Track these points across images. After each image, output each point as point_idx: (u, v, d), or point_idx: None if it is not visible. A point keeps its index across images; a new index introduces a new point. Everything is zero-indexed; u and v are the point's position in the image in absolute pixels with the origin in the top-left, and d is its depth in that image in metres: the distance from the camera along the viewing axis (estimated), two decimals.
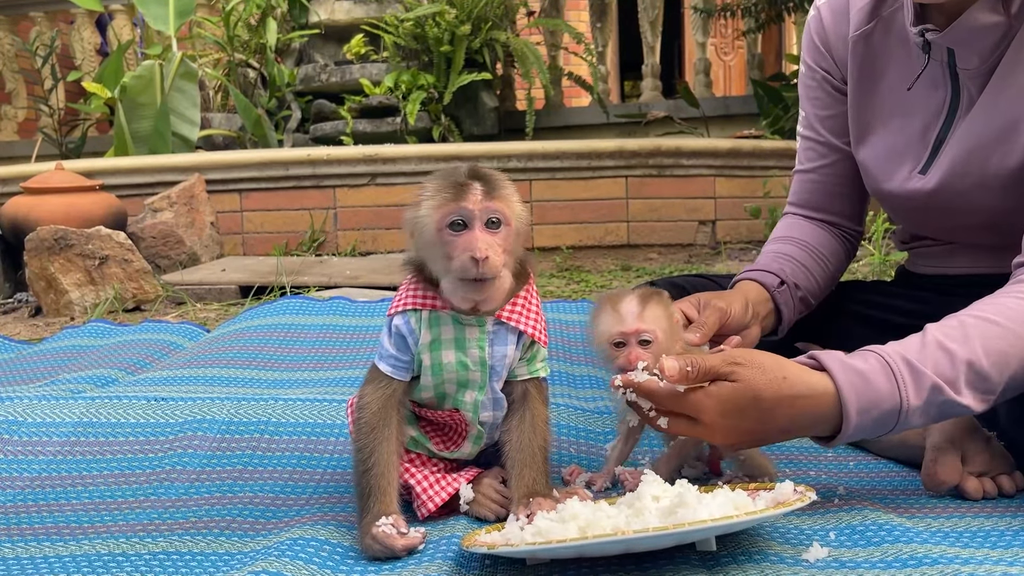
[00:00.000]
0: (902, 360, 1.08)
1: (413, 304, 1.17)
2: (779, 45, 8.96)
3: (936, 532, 1.10)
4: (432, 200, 1.11)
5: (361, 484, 1.13)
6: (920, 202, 1.43)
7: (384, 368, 1.17)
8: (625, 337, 1.21)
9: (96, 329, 2.56)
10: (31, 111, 6.59)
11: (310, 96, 5.45)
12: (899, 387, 1.07)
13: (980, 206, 1.37)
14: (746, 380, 1.07)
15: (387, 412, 1.15)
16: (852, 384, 1.07)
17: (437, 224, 1.10)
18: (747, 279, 1.51)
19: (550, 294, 3.22)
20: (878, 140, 1.48)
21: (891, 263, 3.19)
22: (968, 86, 1.36)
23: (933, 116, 1.40)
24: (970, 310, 1.14)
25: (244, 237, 4.35)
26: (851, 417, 1.07)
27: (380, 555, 1.09)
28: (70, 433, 1.61)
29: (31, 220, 3.50)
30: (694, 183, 4.41)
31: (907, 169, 1.44)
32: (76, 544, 1.17)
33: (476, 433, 1.23)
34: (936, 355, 1.09)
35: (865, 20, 1.46)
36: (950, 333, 1.11)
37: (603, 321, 1.24)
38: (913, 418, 1.08)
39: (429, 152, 4.44)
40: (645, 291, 1.26)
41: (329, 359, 2.18)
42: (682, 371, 1.08)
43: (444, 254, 1.11)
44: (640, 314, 1.21)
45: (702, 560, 1.03)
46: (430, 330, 1.17)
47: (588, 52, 5.57)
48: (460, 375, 1.18)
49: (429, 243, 1.12)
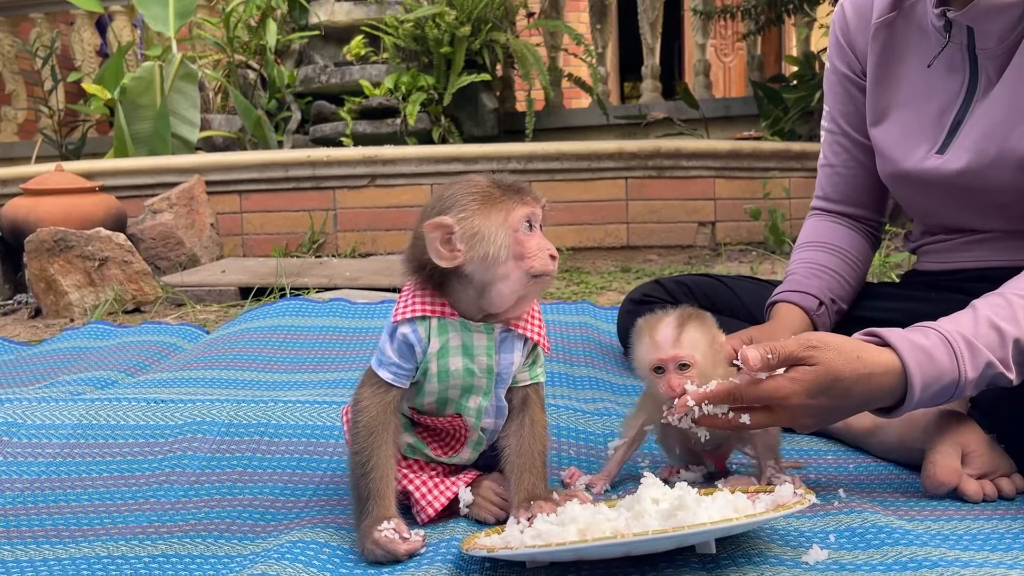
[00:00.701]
0: (960, 337, 1.15)
1: (423, 311, 1.15)
2: (779, 47, 8.97)
3: (936, 535, 1.09)
4: (504, 205, 1.11)
5: (359, 488, 1.13)
6: (936, 182, 1.47)
7: (385, 375, 1.16)
8: (663, 363, 1.22)
9: (96, 331, 2.56)
10: (31, 112, 6.59)
11: (310, 97, 5.45)
12: (959, 363, 1.14)
13: (997, 186, 1.41)
14: (826, 363, 1.12)
15: (385, 416, 1.14)
16: (917, 361, 1.14)
17: (513, 226, 1.11)
18: (787, 301, 1.57)
19: (550, 295, 3.22)
20: (894, 122, 1.53)
21: (891, 265, 3.19)
22: (987, 67, 1.41)
23: (950, 99, 1.46)
24: (1012, 288, 1.20)
25: (244, 238, 4.35)
26: (915, 390, 1.14)
27: (382, 560, 1.08)
28: (70, 435, 1.61)
29: (31, 221, 3.50)
30: (694, 184, 4.41)
31: (924, 150, 1.48)
32: (75, 547, 1.17)
33: (476, 439, 1.23)
34: (989, 333, 1.16)
35: (888, 9, 1.53)
36: (1000, 312, 1.18)
37: (641, 348, 1.25)
38: (967, 390, 1.16)
39: (429, 153, 4.44)
40: (683, 313, 1.25)
41: (329, 361, 2.18)
42: (763, 359, 1.13)
43: (515, 256, 1.11)
44: (676, 339, 1.22)
45: (701, 562, 1.03)
46: (439, 337, 1.16)
47: (588, 53, 5.57)
48: (465, 381, 1.18)
49: (500, 248, 1.11)
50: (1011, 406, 1.24)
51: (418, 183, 4.34)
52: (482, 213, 1.11)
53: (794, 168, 4.46)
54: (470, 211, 1.11)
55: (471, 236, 1.11)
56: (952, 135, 1.45)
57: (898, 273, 2.96)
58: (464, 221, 1.11)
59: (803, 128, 4.95)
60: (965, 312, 1.19)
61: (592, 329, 2.38)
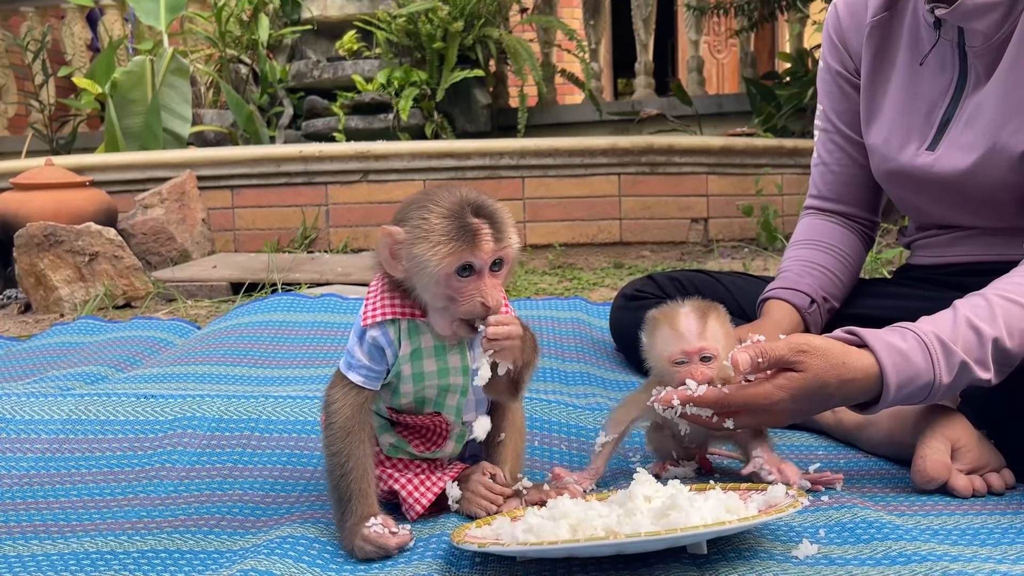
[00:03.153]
0: (936, 340, 1.18)
1: (392, 314, 1.14)
2: (772, 43, 8.97)
3: (925, 529, 1.10)
4: (441, 246, 1.07)
5: (340, 489, 1.12)
6: (927, 179, 1.48)
7: (355, 379, 1.15)
8: (688, 356, 1.21)
9: (86, 326, 2.55)
10: (21, 107, 6.55)
11: (302, 92, 5.43)
12: (934, 365, 1.17)
13: (986, 182, 1.41)
14: (813, 369, 1.15)
15: (360, 416, 1.14)
16: (894, 363, 1.17)
17: (445, 270, 1.07)
18: (779, 298, 1.57)
19: (542, 291, 3.22)
20: (886, 120, 1.54)
21: (883, 261, 3.20)
22: (976, 65, 1.42)
23: (939, 96, 1.47)
24: (994, 289, 1.22)
25: (236, 234, 4.33)
26: (890, 391, 1.17)
27: (373, 555, 1.08)
28: (59, 430, 1.60)
29: (20, 216, 3.48)
30: (687, 181, 4.41)
31: (914, 146, 1.49)
32: (64, 542, 1.17)
33: (459, 432, 1.23)
34: (967, 334, 1.18)
35: (881, 8, 1.55)
36: (979, 313, 1.20)
37: (662, 340, 1.23)
38: (941, 391, 1.19)
39: (422, 149, 4.43)
40: (701, 305, 1.25)
41: (320, 356, 2.18)
42: (753, 362, 1.15)
43: (447, 295, 1.09)
44: (702, 332, 1.22)
45: (692, 557, 1.03)
46: (410, 340, 1.15)
47: (581, 49, 5.56)
48: (442, 381, 1.17)
49: (430, 282, 1.09)
50: (1001, 401, 1.25)
51: (411, 179, 4.33)
52: (423, 244, 1.08)
53: (787, 165, 4.46)
54: (415, 235, 1.09)
55: (411, 258, 1.09)
56: (942, 132, 1.46)
57: (889, 270, 2.97)
58: (408, 241, 1.09)
59: (796, 125, 4.95)
60: (945, 313, 1.21)
61: (584, 325, 2.38)
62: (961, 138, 1.43)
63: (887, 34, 1.54)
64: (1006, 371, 1.21)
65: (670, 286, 1.88)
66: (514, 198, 4.34)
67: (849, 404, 1.22)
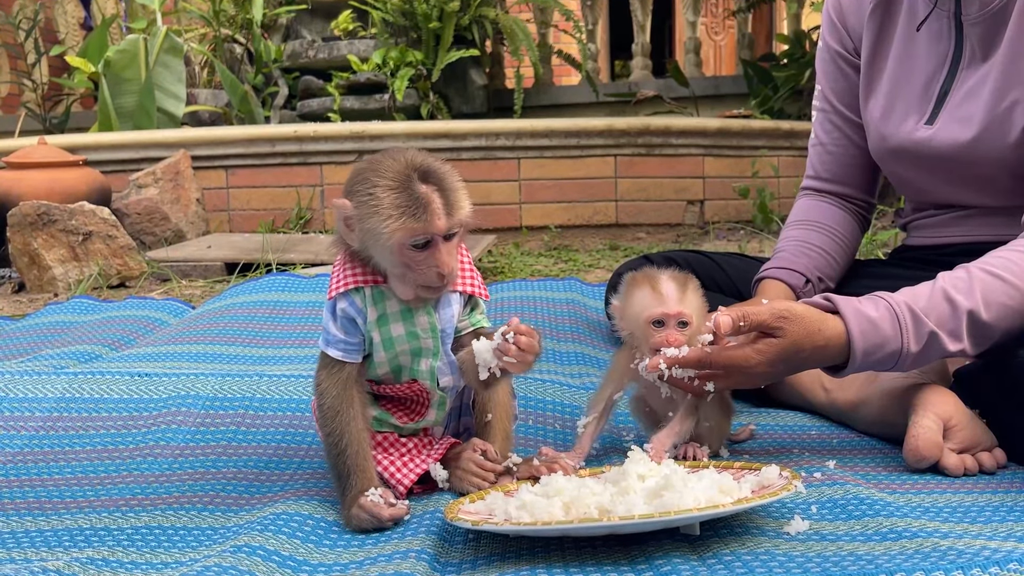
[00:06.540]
0: (908, 309, 1.20)
1: (356, 282, 1.15)
2: (769, 25, 8.93)
3: (917, 507, 1.10)
4: (393, 220, 1.06)
5: (338, 467, 1.13)
6: (925, 154, 1.49)
7: (334, 354, 1.16)
8: (666, 318, 1.23)
9: (80, 305, 2.54)
10: (14, 86, 6.50)
11: (297, 72, 5.40)
12: (902, 334, 1.19)
13: (984, 157, 1.42)
14: (791, 335, 1.19)
15: (347, 393, 1.15)
16: (861, 330, 1.19)
17: (398, 242, 1.08)
18: (773, 278, 1.58)
19: (538, 273, 3.22)
20: (883, 97, 1.55)
21: (878, 243, 3.20)
22: (971, 36, 1.42)
23: (936, 68, 1.48)
24: (979, 262, 1.24)
25: (230, 214, 4.32)
26: (857, 356, 1.20)
27: (367, 525, 1.09)
28: (53, 408, 1.60)
29: (13, 195, 3.46)
30: (683, 163, 4.40)
31: (913, 121, 1.50)
32: (58, 519, 1.17)
33: (438, 399, 1.22)
34: (941, 305, 1.20)
35: None
36: (957, 284, 1.22)
37: (641, 299, 1.25)
38: (910, 360, 1.22)
39: (417, 129, 4.41)
40: (679, 275, 1.27)
41: (314, 336, 2.16)
42: (735, 325, 1.19)
43: (403, 264, 1.10)
44: (682, 298, 1.24)
45: (685, 536, 1.03)
46: (375, 306, 1.16)
47: (578, 30, 5.53)
48: (412, 345, 1.18)
49: (386, 253, 1.10)
50: (993, 380, 1.25)
51: None
52: (373, 219, 1.08)
53: (783, 147, 4.45)
54: (364, 209, 1.09)
55: (363, 231, 1.10)
56: (940, 105, 1.47)
57: (885, 252, 2.97)
58: (358, 216, 1.09)
59: (793, 107, 4.94)
60: (926, 284, 1.24)
61: (579, 305, 2.38)
62: (959, 111, 1.44)
63: (888, 15, 1.55)
64: (985, 343, 1.22)
65: (666, 266, 1.88)
66: (510, 179, 4.33)
67: (821, 367, 1.25)
